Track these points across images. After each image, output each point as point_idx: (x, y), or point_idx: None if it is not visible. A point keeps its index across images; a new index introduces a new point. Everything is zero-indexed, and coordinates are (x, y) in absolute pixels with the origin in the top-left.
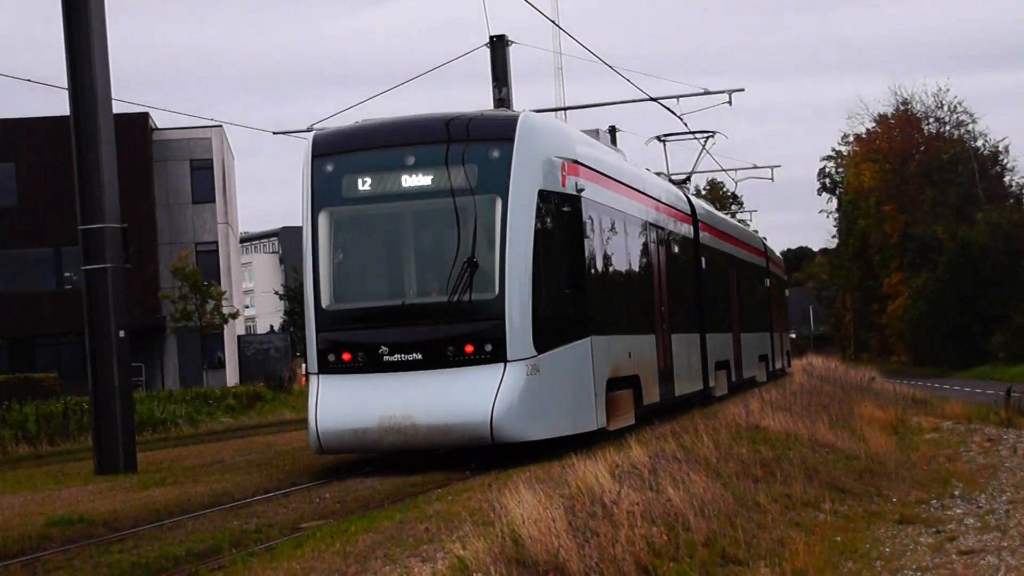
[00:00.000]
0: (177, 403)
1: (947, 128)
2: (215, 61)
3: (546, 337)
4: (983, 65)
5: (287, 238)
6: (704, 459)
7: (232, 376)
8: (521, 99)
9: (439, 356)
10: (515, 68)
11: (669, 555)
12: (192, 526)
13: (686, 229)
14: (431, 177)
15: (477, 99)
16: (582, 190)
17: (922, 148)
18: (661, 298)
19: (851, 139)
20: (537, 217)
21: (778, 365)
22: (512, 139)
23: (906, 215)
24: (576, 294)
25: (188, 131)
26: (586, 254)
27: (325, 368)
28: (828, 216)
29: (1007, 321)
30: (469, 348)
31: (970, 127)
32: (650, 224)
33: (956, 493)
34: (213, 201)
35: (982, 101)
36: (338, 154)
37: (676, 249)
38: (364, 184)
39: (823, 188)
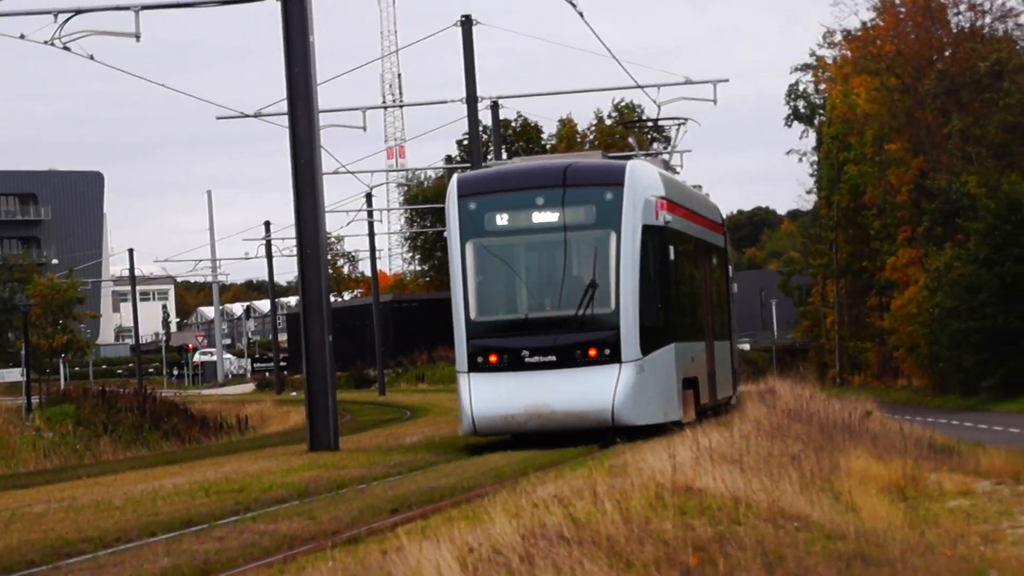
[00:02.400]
0: None
1: (987, 20)
2: None
3: (647, 343)
4: None
5: None
6: (607, 539)
7: None
8: (489, 82)
9: (569, 358)
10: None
11: None
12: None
13: (721, 240)
14: (557, 215)
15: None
16: (668, 222)
17: (947, 52)
18: (708, 307)
19: (838, 38)
20: (641, 247)
21: (723, 392)
22: (622, 184)
23: (922, 159)
24: (665, 308)
25: None
26: (671, 275)
27: (475, 368)
28: (801, 159)
29: None
30: (592, 352)
31: (1022, 18)
32: (701, 241)
33: None
34: None
35: None
36: (480, 195)
37: (715, 260)
38: (502, 220)
39: (794, 116)
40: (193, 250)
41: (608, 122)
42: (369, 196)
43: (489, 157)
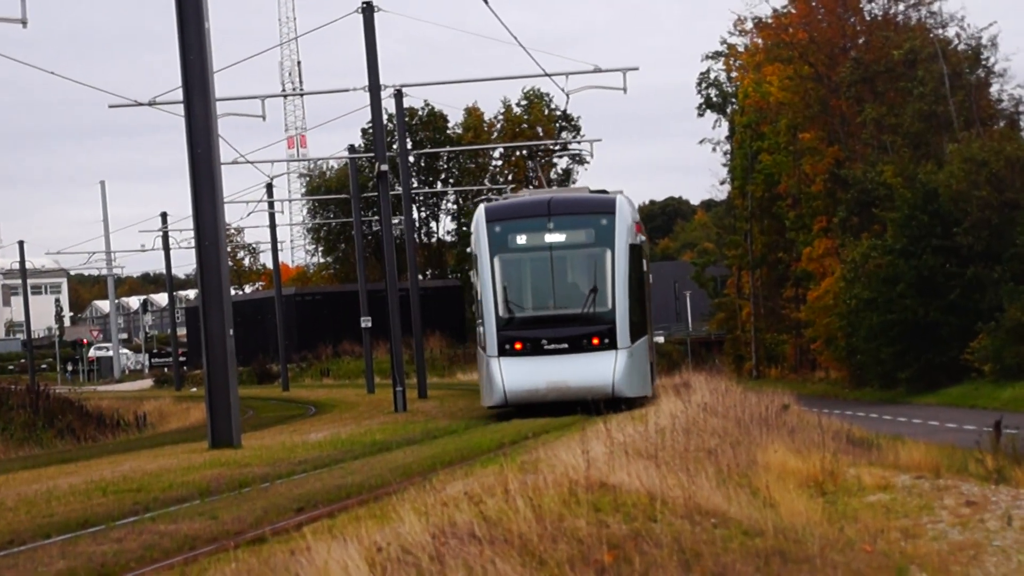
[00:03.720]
0: None
1: (900, 8)
2: None
3: (633, 334)
4: None
5: None
6: (520, 537)
7: None
8: (392, 70)
9: (578, 345)
10: (390, 37)
11: None
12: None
13: (643, 239)
14: (564, 236)
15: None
16: (641, 240)
17: (861, 40)
18: (650, 305)
19: (748, 26)
20: (628, 261)
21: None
22: (613, 212)
23: (837, 148)
24: (642, 308)
25: None
26: (643, 281)
27: (503, 353)
28: (715, 149)
29: (994, 316)
30: (595, 340)
31: (935, 5)
32: (644, 248)
33: None
34: None
35: None
36: (503, 220)
37: (646, 261)
38: (522, 239)
39: (706, 105)
40: (87, 242)
41: (516, 111)
42: (270, 186)
43: (394, 146)
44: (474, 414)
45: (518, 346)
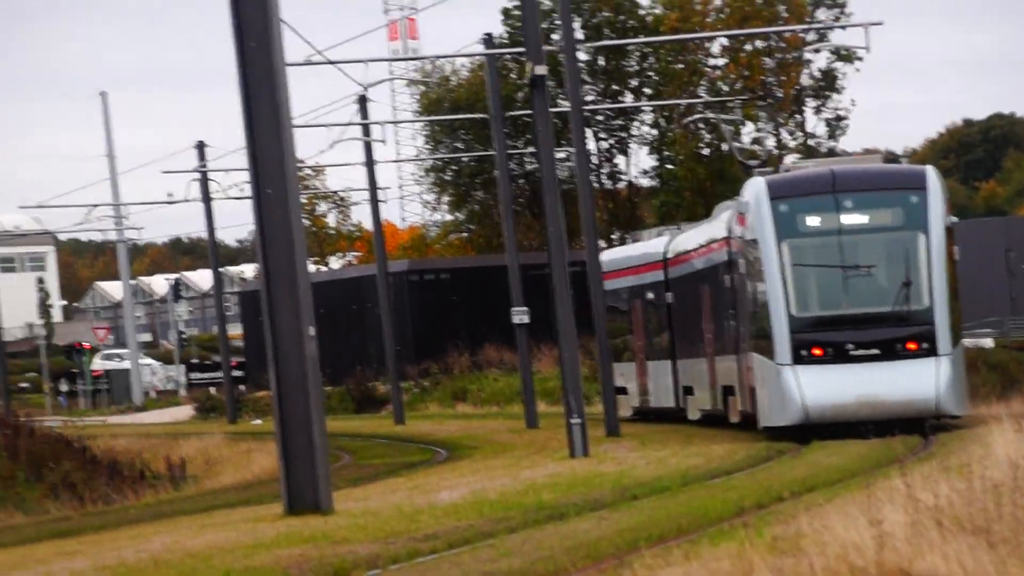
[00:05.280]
0: None
1: None
2: None
3: (953, 338)
4: None
5: None
6: None
7: None
8: None
9: (890, 351)
10: None
11: None
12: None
13: (953, 221)
14: (867, 216)
15: None
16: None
17: None
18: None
19: None
20: (944, 247)
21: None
22: (925, 188)
23: None
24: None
25: None
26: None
27: (799, 360)
28: None
29: None
30: (911, 345)
31: None
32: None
33: None
34: None
35: None
36: (791, 197)
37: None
38: (815, 221)
39: None
40: (83, 189)
41: None
42: (363, 101)
43: (555, 37)
44: (694, 461)
45: (817, 352)
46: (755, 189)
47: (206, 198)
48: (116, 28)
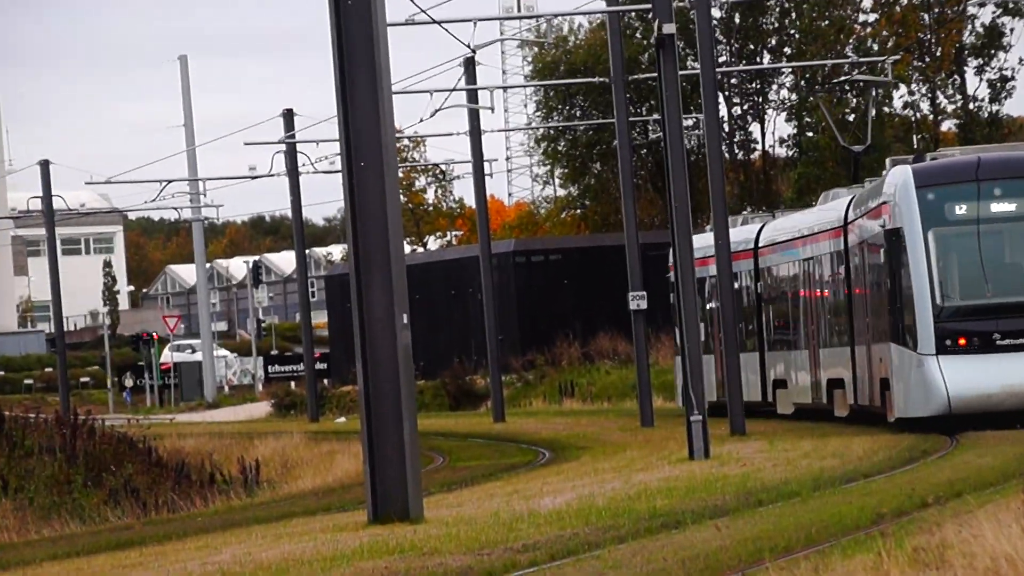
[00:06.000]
0: None
1: None
2: None
3: None
4: None
5: None
6: None
7: None
8: None
9: None
10: None
11: None
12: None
13: None
14: (1016, 204)
15: None
16: None
17: None
18: None
19: None
20: None
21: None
22: None
23: None
24: None
25: None
26: None
27: (943, 350)
28: None
29: None
30: None
31: None
32: None
33: None
34: None
35: None
36: (937, 185)
37: None
38: (962, 209)
39: None
40: (156, 163)
41: None
42: (471, 63)
43: None
44: (828, 463)
45: (962, 341)
46: (898, 177)
47: (293, 171)
48: None
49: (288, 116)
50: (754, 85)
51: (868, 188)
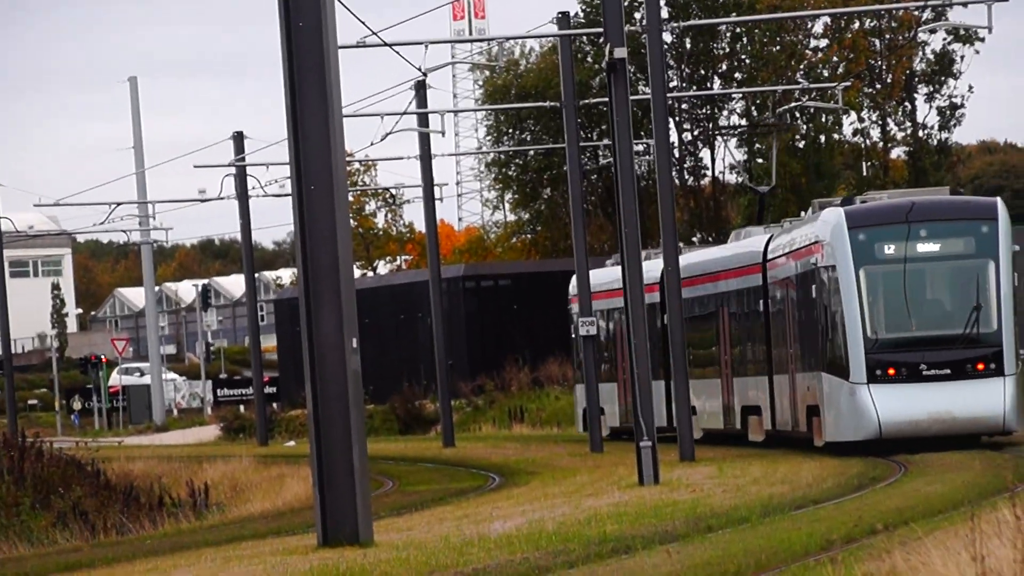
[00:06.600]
0: None
1: None
2: None
3: (1016, 359)
4: None
5: None
6: None
7: None
8: None
9: (961, 371)
10: None
11: None
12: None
13: (1016, 248)
14: (940, 245)
15: None
16: (1017, 249)
17: None
18: None
19: None
20: (1010, 274)
21: None
22: (996, 219)
23: None
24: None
25: None
26: (1019, 297)
27: (873, 380)
28: None
29: None
30: (980, 366)
31: None
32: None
33: None
34: None
35: None
36: (868, 227)
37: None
38: (891, 249)
39: None
40: (104, 186)
41: None
42: (422, 87)
43: (638, 16)
44: (777, 489)
45: (891, 372)
46: (830, 219)
47: (242, 195)
48: (148, 8)
49: (238, 139)
50: (704, 111)
51: (791, 227)
